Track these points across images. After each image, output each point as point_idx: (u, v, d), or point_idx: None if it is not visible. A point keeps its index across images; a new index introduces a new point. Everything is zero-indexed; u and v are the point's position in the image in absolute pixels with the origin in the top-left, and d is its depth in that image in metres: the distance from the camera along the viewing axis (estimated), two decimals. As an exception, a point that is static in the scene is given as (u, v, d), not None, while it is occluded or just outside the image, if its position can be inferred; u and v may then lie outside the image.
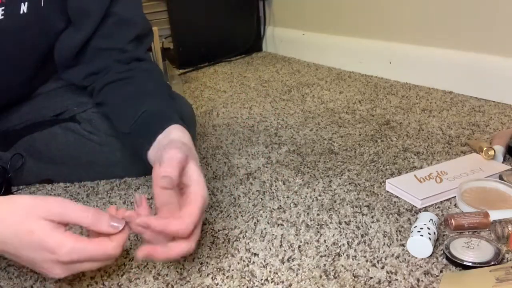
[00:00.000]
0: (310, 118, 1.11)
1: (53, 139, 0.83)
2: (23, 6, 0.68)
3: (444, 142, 0.91)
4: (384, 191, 0.75)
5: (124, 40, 0.77)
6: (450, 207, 0.69)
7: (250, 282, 0.57)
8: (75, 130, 0.82)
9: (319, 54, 1.65)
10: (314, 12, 1.65)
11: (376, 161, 0.86)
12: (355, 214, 0.70)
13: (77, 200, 0.80)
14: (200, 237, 0.67)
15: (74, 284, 0.59)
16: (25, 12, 0.69)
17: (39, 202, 0.49)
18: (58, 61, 0.80)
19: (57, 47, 0.79)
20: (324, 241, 0.64)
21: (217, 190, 0.80)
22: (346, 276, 0.57)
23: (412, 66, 1.31)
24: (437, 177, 0.75)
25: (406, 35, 1.33)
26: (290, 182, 0.81)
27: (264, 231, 0.67)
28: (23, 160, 0.83)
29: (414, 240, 0.59)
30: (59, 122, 0.84)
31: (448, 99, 1.16)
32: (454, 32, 1.19)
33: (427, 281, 0.54)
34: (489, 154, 0.78)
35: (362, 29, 1.47)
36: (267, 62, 1.74)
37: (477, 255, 0.56)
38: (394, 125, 1.02)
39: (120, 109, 0.72)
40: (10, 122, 0.85)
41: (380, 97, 1.22)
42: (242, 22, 1.84)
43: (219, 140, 1.02)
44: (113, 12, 0.75)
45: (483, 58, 1.13)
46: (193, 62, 1.76)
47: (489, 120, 1.01)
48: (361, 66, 1.48)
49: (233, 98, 1.33)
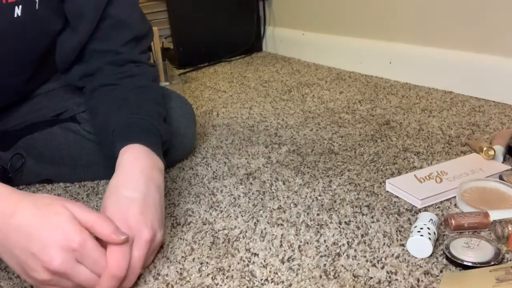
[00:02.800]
0: (310, 118, 1.11)
1: (53, 139, 0.83)
2: (17, 10, 0.68)
3: (444, 142, 0.91)
4: (384, 191, 0.75)
5: (119, 42, 0.78)
6: (450, 207, 0.69)
7: (250, 282, 0.57)
8: (75, 130, 0.83)
9: (319, 54, 1.65)
10: (314, 12, 1.65)
11: (376, 161, 0.86)
12: (355, 214, 0.70)
13: (77, 200, 0.80)
14: (200, 237, 0.67)
15: (74, 284, 0.59)
16: (19, 15, 0.69)
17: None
18: (58, 62, 0.81)
19: (57, 48, 0.79)
20: (324, 241, 0.63)
21: (217, 190, 0.80)
22: (346, 276, 0.57)
23: (412, 66, 1.31)
24: (437, 177, 0.75)
25: (406, 35, 1.33)
26: (290, 182, 0.81)
27: (264, 231, 0.67)
28: (23, 160, 0.83)
29: (414, 240, 0.59)
30: (59, 122, 0.84)
31: (448, 99, 1.16)
32: (454, 32, 1.19)
33: (427, 281, 0.54)
34: (489, 154, 0.78)
35: (362, 29, 1.47)
36: (267, 62, 1.74)
37: (477, 255, 0.56)
38: (394, 125, 1.02)
39: (95, 127, 0.78)
40: (10, 122, 0.85)
41: (380, 97, 1.22)
42: (242, 22, 1.84)
43: (219, 140, 1.02)
44: (110, 14, 0.76)
45: (483, 58, 1.13)
46: (193, 62, 1.76)
47: (489, 120, 1.01)
48: (361, 66, 1.48)
49: (233, 98, 1.33)
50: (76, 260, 0.50)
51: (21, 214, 0.51)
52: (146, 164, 0.63)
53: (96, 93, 0.77)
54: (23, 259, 0.50)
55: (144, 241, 0.56)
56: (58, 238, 0.49)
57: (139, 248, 0.55)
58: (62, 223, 0.50)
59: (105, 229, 0.52)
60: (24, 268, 0.50)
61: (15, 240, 0.50)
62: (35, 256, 0.49)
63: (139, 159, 0.63)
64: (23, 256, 0.50)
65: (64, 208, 0.52)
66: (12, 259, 0.51)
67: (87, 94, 0.79)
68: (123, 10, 0.77)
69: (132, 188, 0.60)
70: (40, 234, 0.50)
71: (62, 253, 0.49)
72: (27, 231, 0.50)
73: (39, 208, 0.51)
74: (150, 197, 0.60)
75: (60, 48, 0.79)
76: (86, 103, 0.81)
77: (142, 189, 0.60)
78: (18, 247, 0.50)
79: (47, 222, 0.50)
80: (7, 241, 0.50)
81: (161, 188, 0.64)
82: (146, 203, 0.59)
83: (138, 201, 0.58)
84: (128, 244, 0.54)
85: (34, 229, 0.50)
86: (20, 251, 0.50)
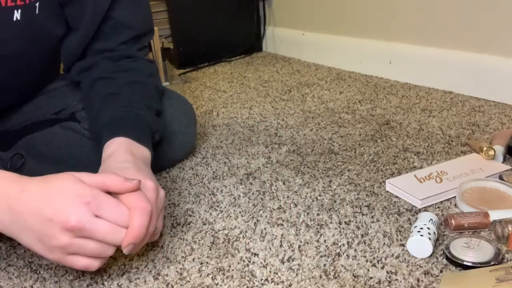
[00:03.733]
0: (310, 118, 1.11)
1: (53, 138, 0.83)
2: (17, 13, 0.69)
3: (444, 142, 0.91)
4: (384, 191, 0.75)
5: (118, 41, 0.79)
6: (450, 207, 0.69)
7: (250, 282, 0.57)
8: (75, 129, 0.83)
9: (319, 54, 1.65)
10: (314, 12, 1.65)
11: (376, 161, 0.86)
12: (355, 214, 0.70)
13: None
14: (200, 237, 0.67)
15: (74, 285, 0.59)
16: (19, 19, 0.69)
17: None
18: (63, 62, 0.83)
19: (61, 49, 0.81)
20: (324, 241, 0.64)
21: (217, 190, 0.80)
22: (346, 276, 0.57)
23: (412, 66, 1.31)
24: (437, 177, 0.75)
25: (406, 35, 1.33)
26: (290, 182, 0.81)
27: (264, 231, 0.67)
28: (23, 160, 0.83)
29: (414, 240, 0.59)
30: (59, 122, 0.84)
31: (448, 99, 1.16)
32: (454, 32, 1.19)
33: (427, 281, 0.54)
34: (489, 154, 0.78)
35: (362, 29, 1.47)
36: (267, 62, 1.74)
37: (477, 255, 0.56)
38: (394, 125, 1.02)
39: (90, 125, 0.79)
40: (10, 122, 0.85)
41: (380, 97, 1.22)
42: (242, 22, 1.84)
43: (219, 140, 1.02)
44: (111, 16, 0.77)
45: (483, 58, 1.13)
46: (193, 62, 1.76)
47: (489, 120, 1.01)
48: (361, 66, 1.48)
49: (233, 98, 1.33)
50: (93, 214, 0.51)
51: (29, 189, 0.51)
52: (132, 154, 0.64)
53: (90, 89, 0.77)
54: (40, 230, 0.50)
55: (150, 188, 0.57)
56: (70, 197, 0.50)
57: (148, 195, 0.56)
58: (70, 185, 0.51)
59: (115, 181, 0.53)
60: (43, 239, 0.50)
61: (28, 214, 0.50)
62: (51, 220, 0.49)
63: (125, 150, 0.64)
64: (39, 226, 0.50)
65: (70, 174, 0.53)
66: (29, 235, 0.51)
67: (83, 89, 0.80)
68: (125, 12, 0.78)
69: (122, 162, 0.61)
70: (51, 199, 0.50)
71: (77, 209, 0.50)
72: (38, 202, 0.50)
73: (46, 180, 0.52)
74: (141, 166, 0.61)
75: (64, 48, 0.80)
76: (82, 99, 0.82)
77: (131, 160, 0.61)
78: (32, 220, 0.50)
79: (55, 188, 0.51)
80: (21, 218, 0.51)
81: (150, 170, 0.64)
82: (139, 167, 0.60)
83: (131, 167, 0.59)
84: (141, 190, 0.55)
85: (45, 197, 0.50)
86: (35, 222, 0.50)
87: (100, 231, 0.51)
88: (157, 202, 0.58)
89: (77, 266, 0.52)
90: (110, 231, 0.51)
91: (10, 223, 0.51)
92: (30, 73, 0.79)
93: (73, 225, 0.49)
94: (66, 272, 0.61)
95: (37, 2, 0.71)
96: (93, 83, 0.77)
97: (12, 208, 0.51)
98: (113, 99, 0.73)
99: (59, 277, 0.60)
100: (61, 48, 0.80)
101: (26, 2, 0.69)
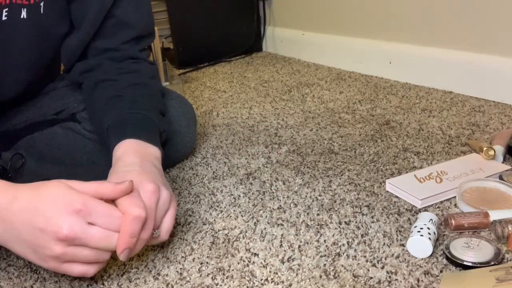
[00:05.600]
0: (310, 118, 1.11)
1: (54, 139, 0.83)
2: (23, 12, 0.69)
3: (444, 142, 0.91)
4: (384, 191, 0.75)
5: (120, 40, 0.79)
6: (450, 207, 0.69)
7: (250, 282, 0.57)
8: (76, 130, 0.83)
9: (319, 54, 1.65)
10: (314, 12, 1.65)
11: (376, 161, 0.86)
12: (355, 214, 0.70)
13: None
14: (200, 237, 0.67)
15: (74, 285, 0.59)
16: (25, 18, 0.69)
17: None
18: (63, 62, 0.82)
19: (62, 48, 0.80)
20: (324, 241, 0.64)
21: (217, 190, 0.80)
22: (346, 276, 0.57)
23: (412, 66, 1.31)
24: (437, 177, 0.75)
25: (406, 35, 1.33)
26: (290, 182, 0.81)
27: (264, 231, 0.67)
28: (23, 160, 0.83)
29: (414, 240, 0.59)
30: (59, 122, 0.84)
31: (448, 99, 1.16)
32: (454, 32, 1.19)
33: (427, 281, 0.54)
34: (489, 154, 0.78)
35: (362, 29, 1.47)
36: (267, 62, 1.74)
37: (477, 255, 0.56)
38: (394, 125, 1.02)
39: (94, 126, 0.78)
40: (10, 122, 0.85)
41: (380, 97, 1.22)
42: (242, 22, 1.84)
43: (219, 140, 1.02)
44: (114, 14, 0.77)
45: (483, 58, 1.13)
46: (193, 62, 1.76)
47: (489, 120, 1.01)
48: (361, 66, 1.48)
49: (233, 98, 1.33)
50: (85, 222, 0.50)
51: (20, 198, 0.51)
52: (141, 155, 0.64)
53: (94, 90, 0.77)
54: (33, 239, 0.50)
55: (149, 191, 0.55)
56: (60, 206, 0.49)
57: (146, 198, 0.55)
58: (60, 193, 0.50)
59: (107, 187, 0.53)
60: (36, 249, 0.50)
61: (20, 223, 0.50)
62: (43, 230, 0.49)
63: (134, 152, 0.64)
64: (32, 235, 0.50)
65: (59, 182, 0.52)
66: (22, 245, 0.51)
67: (85, 91, 0.80)
68: (127, 12, 0.78)
69: (129, 165, 0.60)
70: (42, 208, 0.50)
71: (68, 217, 0.49)
72: (29, 211, 0.50)
73: (36, 188, 0.52)
74: (147, 168, 0.61)
75: (64, 47, 0.80)
76: (85, 101, 0.81)
77: (138, 163, 0.61)
78: (24, 229, 0.50)
79: (45, 196, 0.50)
80: (14, 228, 0.50)
81: (160, 170, 0.64)
82: (144, 169, 0.60)
83: (134, 170, 0.59)
84: (136, 191, 0.54)
85: (35, 206, 0.50)
86: (27, 232, 0.50)
87: (93, 238, 0.50)
88: (159, 204, 0.57)
89: (74, 273, 0.52)
90: (103, 237, 0.51)
91: (2, 233, 0.51)
92: (31, 71, 0.79)
93: (65, 234, 0.49)
94: (66, 272, 0.61)
95: (41, 1, 0.71)
96: (96, 85, 0.77)
97: (4, 218, 0.50)
98: (117, 102, 0.73)
99: (59, 277, 0.60)
100: (61, 47, 0.80)
101: (31, 1, 0.69)
